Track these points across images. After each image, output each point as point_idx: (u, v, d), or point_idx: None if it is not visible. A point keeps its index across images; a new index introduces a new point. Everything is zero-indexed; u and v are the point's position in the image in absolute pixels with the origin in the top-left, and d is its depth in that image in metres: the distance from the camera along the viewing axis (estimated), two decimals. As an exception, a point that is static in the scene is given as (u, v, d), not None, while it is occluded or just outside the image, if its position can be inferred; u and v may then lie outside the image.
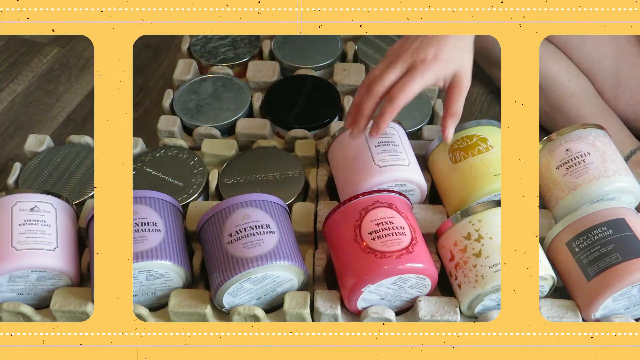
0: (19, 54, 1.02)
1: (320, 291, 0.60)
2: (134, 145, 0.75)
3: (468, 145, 0.67)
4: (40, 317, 0.60)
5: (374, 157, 0.65)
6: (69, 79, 0.98)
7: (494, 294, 0.57)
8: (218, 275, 0.57)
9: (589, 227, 0.59)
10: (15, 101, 0.95)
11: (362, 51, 0.90)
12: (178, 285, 0.60)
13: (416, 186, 0.66)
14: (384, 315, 0.58)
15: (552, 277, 0.59)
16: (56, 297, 0.59)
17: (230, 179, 0.72)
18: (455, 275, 0.60)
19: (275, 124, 0.79)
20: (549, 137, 0.68)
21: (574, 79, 0.84)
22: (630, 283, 0.55)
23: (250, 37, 0.90)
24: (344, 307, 0.60)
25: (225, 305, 0.59)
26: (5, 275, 0.57)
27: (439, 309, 0.59)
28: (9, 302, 0.58)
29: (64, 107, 0.94)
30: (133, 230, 0.58)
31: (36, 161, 0.73)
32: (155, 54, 1.02)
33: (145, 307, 0.59)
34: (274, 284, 0.59)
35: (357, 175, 0.65)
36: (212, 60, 0.87)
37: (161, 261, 0.57)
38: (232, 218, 0.59)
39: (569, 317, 0.58)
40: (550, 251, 0.62)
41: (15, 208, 0.60)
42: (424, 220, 0.66)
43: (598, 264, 0.57)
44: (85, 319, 0.57)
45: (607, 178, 0.63)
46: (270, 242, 0.58)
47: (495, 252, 0.57)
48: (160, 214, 0.61)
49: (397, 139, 0.68)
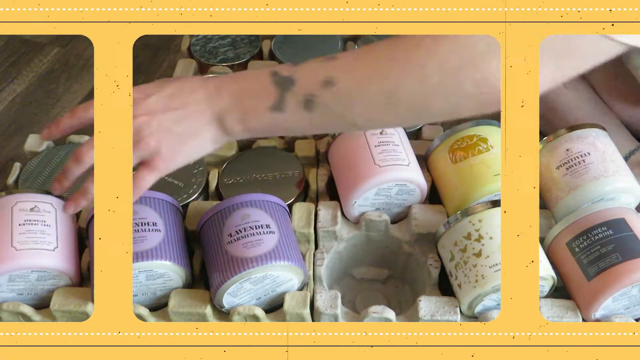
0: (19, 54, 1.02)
1: (320, 291, 0.60)
2: (134, 145, 0.75)
3: (468, 145, 0.67)
4: (40, 317, 0.60)
5: (374, 157, 0.65)
6: (69, 79, 0.98)
7: (494, 294, 0.57)
8: (218, 275, 0.57)
9: (589, 227, 0.59)
10: (15, 101, 0.95)
11: (362, 51, 0.90)
12: (178, 285, 0.60)
13: (416, 186, 0.66)
14: (384, 315, 0.58)
15: (552, 277, 0.59)
16: (56, 297, 0.59)
17: (230, 179, 0.72)
18: (455, 275, 0.60)
19: (275, 124, 0.79)
20: (549, 137, 0.68)
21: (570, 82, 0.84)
22: (630, 283, 0.55)
23: (250, 37, 0.90)
24: (344, 307, 0.60)
25: (225, 305, 0.59)
26: (5, 275, 0.57)
27: (439, 309, 0.59)
28: (9, 302, 0.58)
29: (64, 107, 0.94)
30: (133, 230, 0.58)
31: (36, 161, 0.73)
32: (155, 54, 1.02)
33: (145, 307, 0.59)
34: (273, 284, 0.59)
35: (357, 175, 0.65)
36: (212, 60, 0.87)
37: (161, 261, 0.57)
38: (232, 218, 0.59)
39: (569, 317, 0.58)
40: (550, 251, 0.62)
41: (15, 208, 0.60)
42: (424, 220, 0.66)
43: (598, 264, 0.57)
44: (85, 319, 0.57)
45: (607, 178, 0.63)
46: (270, 242, 0.58)
47: (496, 252, 0.57)
48: (160, 214, 0.61)
49: (397, 139, 0.68)
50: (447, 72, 0.45)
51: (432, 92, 0.46)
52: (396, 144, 0.67)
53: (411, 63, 0.46)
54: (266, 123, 0.49)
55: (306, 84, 0.48)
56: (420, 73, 0.45)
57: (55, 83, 0.98)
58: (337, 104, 0.47)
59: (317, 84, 0.47)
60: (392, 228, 0.67)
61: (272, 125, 0.49)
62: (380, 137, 0.67)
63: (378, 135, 0.67)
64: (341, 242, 0.67)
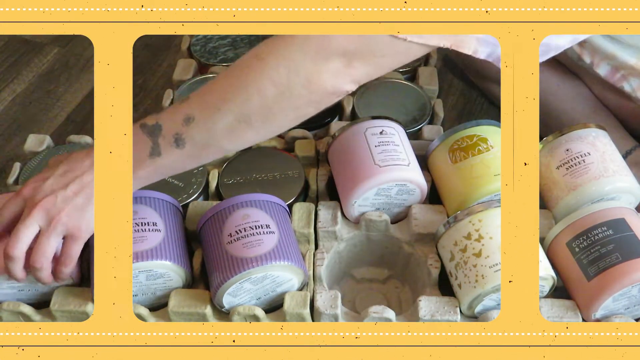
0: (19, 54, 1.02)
1: (320, 291, 0.60)
2: (134, 145, 0.75)
3: (468, 145, 0.67)
4: (40, 317, 0.60)
5: (374, 157, 0.65)
6: (69, 79, 0.98)
7: (494, 294, 0.57)
8: (218, 275, 0.57)
9: (589, 227, 0.59)
10: (15, 101, 0.95)
11: (362, 51, 0.89)
12: (178, 285, 0.60)
13: (416, 186, 0.66)
14: (384, 315, 0.58)
15: (552, 277, 0.59)
16: (56, 297, 0.59)
17: (230, 179, 0.72)
18: (455, 275, 0.60)
19: (275, 124, 0.79)
20: (549, 137, 0.68)
21: (563, 83, 0.84)
22: (630, 283, 0.55)
23: (250, 37, 0.90)
24: (344, 307, 0.60)
25: (225, 305, 0.59)
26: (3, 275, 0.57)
27: (439, 309, 0.59)
28: (9, 302, 0.58)
29: (64, 107, 0.94)
30: (133, 230, 0.58)
31: (36, 161, 0.73)
32: (155, 54, 1.02)
33: (145, 307, 0.59)
34: (273, 284, 0.59)
35: (357, 175, 0.65)
36: (212, 60, 0.87)
37: (161, 261, 0.57)
38: (232, 218, 0.59)
39: (569, 317, 0.58)
40: (550, 251, 0.62)
41: None
42: (424, 220, 0.66)
43: (598, 264, 0.57)
44: (85, 319, 0.57)
45: (607, 178, 0.63)
46: (270, 242, 0.58)
47: (496, 252, 0.57)
48: (160, 213, 0.61)
49: (397, 139, 0.68)
50: (278, 85, 0.51)
51: (272, 105, 0.52)
52: (396, 144, 0.67)
53: (246, 84, 0.51)
54: (151, 169, 0.55)
55: (171, 125, 0.54)
56: (256, 91, 0.51)
57: (55, 83, 0.98)
58: (200, 135, 0.53)
59: (179, 123, 0.53)
60: (392, 228, 0.67)
61: (156, 169, 0.55)
62: (380, 137, 0.67)
63: (378, 135, 0.67)
64: (341, 242, 0.67)
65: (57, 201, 0.54)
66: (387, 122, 0.70)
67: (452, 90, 0.97)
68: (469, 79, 0.98)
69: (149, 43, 1.04)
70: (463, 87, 0.98)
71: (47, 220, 0.54)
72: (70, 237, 0.55)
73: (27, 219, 0.54)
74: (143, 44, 1.03)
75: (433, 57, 0.90)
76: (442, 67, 1.01)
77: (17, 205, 0.56)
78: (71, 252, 0.55)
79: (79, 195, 0.54)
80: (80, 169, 0.55)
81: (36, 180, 0.56)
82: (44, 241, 0.54)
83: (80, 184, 0.55)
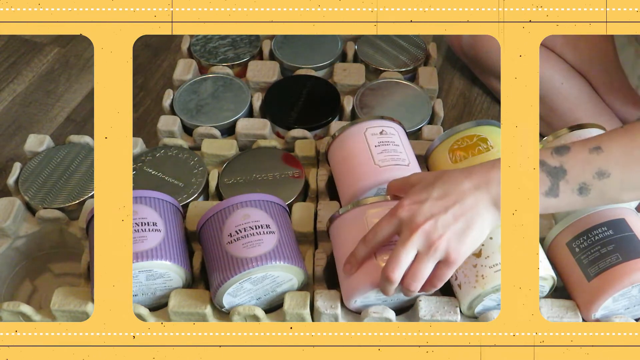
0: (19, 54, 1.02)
1: (320, 291, 0.60)
2: (134, 145, 0.75)
3: (468, 145, 0.67)
4: (40, 317, 0.60)
5: (374, 157, 0.65)
6: (69, 79, 0.98)
7: (494, 294, 0.57)
8: (218, 276, 0.57)
9: (589, 228, 0.59)
10: (15, 101, 0.95)
11: (362, 51, 0.90)
12: (178, 285, 0.60)
13: (416, 186, 0.66)
14: (384, 315, 0.58)
15: (552, 277, 0.59)
16: (56, 296, 0.59)
17: (230, 179, 0.72)
18: (455, 275, 0.60)
19: (275, 124, 0.79)
20: (549, 137, 0.68)
21: (567, 82, 0.84)
22: (630, 283, 0.55)
23: (250, 37, 0.90)
24: (344, 307, 0.60)
25: (225, 305, 0.59)
26: None
27: (439, 309, 0.59)
28: (9, 302, 0.58)
29: (64, 107, 0.94)
30: (133, 230, 0.58)
31: (36, 161, 0.73)
32: (155, 54, 1.02)
33: (145, 307, 0.59)
34: (273, 284, 0.59)
35: (357, 175, 0.65)
36: (212, 60, 0.87)
37: (161, 261, 0.57)
38: (232, 218, 0.59)
39: (569, 317, 0.58)
40: (551, 251, 0.62)
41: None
42: (424, 220, 0.65)
43: (598, 264, 0.57)
44: (85, 319, 0.57)
45: (607, 178, 0.63)
46: (270, 242, 0.58)
47: (496, 252, 0.57)
48: (160, 214, 0.61)
49: (397, 139, 0.68)
50: None
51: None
52: (396, 144, 0.67)
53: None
54: (541, 207, 0.54)
55: (579, 174, 0.53)
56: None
57: (55, 83, 0.98)
58: (611, 190, 0.53)
59: (590, 174, 0.53)
60: (392, 228, 0.67)
61: (545, 207, 0.54)
62: (380, 137, 0.67)
63: (378, 135, 0.67)
64: (341, 242, 0.67)
65: (437, 226, 0.52)
66: (387, 122, 0.70)
67: (452, 90, 0.98)
68: (469, 79, 0.98)
69: (149, 43, 1.04)
70: (463, 87, 0.98)
71: (427, 245, 0.52)
72: (445, 261, 0.53)
73: (407, 243, 0.52)
74: (143, 44, 1.03)
75: (433, 57, 0.90)
76: (442, 67, 1.01)
77: (393, 226, 0.54)
78: (443, 276, 0.54)
79: (459, 220, 0.52)
80: (460, 192, 0.54)
81: (412, 202, 0.54)
82: (421, 267, 0.53)
83: (461, 208, 0.53)
